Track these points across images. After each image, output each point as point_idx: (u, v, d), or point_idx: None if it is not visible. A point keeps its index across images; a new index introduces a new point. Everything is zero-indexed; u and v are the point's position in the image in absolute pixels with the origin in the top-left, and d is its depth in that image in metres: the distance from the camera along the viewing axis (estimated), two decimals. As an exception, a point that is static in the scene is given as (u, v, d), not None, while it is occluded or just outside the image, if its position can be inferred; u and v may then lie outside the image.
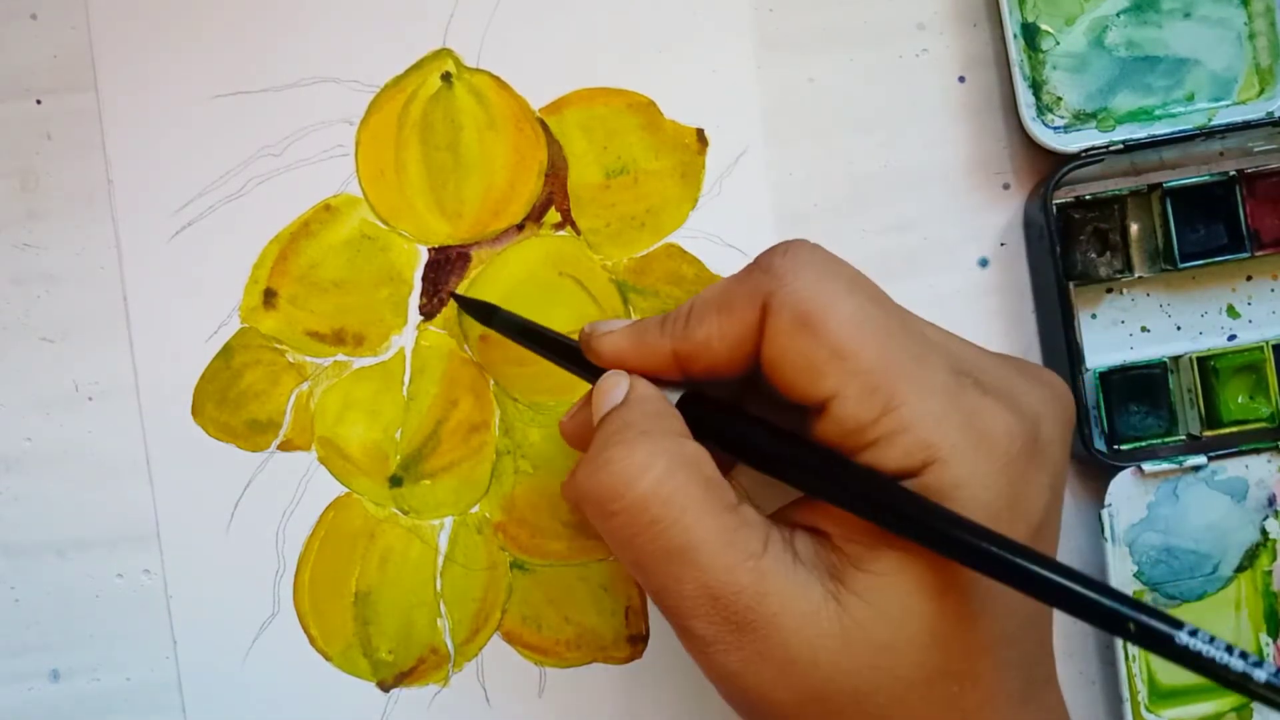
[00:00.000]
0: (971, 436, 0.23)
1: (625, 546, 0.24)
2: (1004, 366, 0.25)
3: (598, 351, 0.27)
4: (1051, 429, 0.25)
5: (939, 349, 0.24)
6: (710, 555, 0.23)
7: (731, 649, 0.24)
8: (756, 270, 0.25)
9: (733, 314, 0.25)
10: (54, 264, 0.34)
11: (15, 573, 0.34)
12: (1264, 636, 0.33)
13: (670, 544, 0.23)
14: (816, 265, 0.24)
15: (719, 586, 0.23)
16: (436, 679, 0.34)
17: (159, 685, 0.34)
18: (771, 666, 0.23)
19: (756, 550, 0.24)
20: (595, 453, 0.24)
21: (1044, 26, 0.33)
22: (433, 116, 0.33)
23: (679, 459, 0.24)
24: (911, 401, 0.23)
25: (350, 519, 0.34)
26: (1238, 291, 0.34)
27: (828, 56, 0.34)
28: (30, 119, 0.34)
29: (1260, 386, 0.33)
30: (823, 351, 0.23)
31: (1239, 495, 0.33)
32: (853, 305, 0.24)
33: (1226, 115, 0.32)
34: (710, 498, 0.24)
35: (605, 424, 0.25)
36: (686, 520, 0.23)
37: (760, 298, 0.24)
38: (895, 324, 0.24)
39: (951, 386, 0.23)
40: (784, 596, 0.23)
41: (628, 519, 0.24)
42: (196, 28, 0.33)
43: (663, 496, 0.23)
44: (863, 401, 0.23)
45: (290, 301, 0.34)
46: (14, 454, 0.34)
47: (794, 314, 0.24)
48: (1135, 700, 0.32)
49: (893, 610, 0.23)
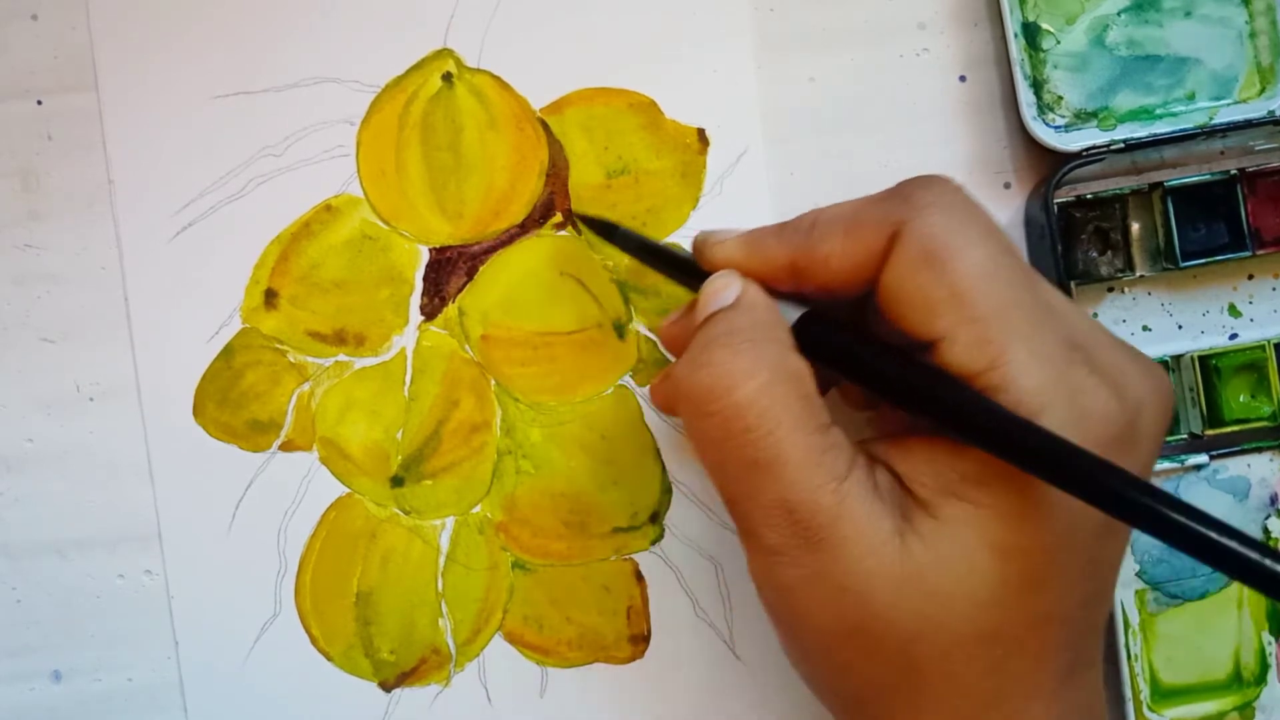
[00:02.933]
0: (1072, 412, 0.23)
1: (713, 448, 0.24)
2: (1118, 349, 0.25)
3: (710, 259, 0.27)
4: (1150, 422, 0.24)
5: (1058, 317, 0.24)
6: (796, 471, 0.23)
7: (794, 563, 0.23)
8: (895, 197, 0.24)
9: (860, 235, 0.24)
10: (55, 264, 0.34)
11: (17, 573, 0.34)
12: (1266, 635, 0.33)
13: (759, 455, 0.23)
14: (956, 205, 0.24)
15: (798, 501, 0.23)
16: (438, 679, 0.34)
17: (160, 685, 0.34)
18: (828, 588, 0.23)
19: (841, 473, 0.23)
20: (698, 351, 0.24)
21: (1045, 25, 0.33)
22: (434, 117, 0.33)
23: (782, 372, 0.24)
24: (1020, 361, 0.23)
25: (352, 519, 0.34)
26: (1239, 290, 0.34)
27: (828, 56, 0.34)
28: (31, 119, 0.34)
29: (1262, 385, 0.33)
30: (943, 291, 0.23)
31: (1241, 494, 0.33)
32: (983, 253, 0.23)
33: (1227, 114, 0.32)
34: (806, 415, 0.24)
35: (711, 324, 0.25)
36: (780, 434, 0.23)
37: (892, 224, 0.24)
38: (1020, 281, 0.24)
39: (1062, 358, 0.23)
40: (857, 522, 0.23)
41: (721, 422, 0.23)
42: (197, 28, 0.33)
43: (760, 407, 0.23)
44: (971, 350, 0.23)
45: (291, 302, 0.34)
46: (15, 454, 0.34)
47: (923, 247, 0.23)
48: (1138, 699, 0.32)
49: (955, 561, 0.23)
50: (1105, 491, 0.21)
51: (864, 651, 0.23)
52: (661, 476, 0.33)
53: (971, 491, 0.23)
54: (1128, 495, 0.21)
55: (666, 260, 0.30)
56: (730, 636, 0.33)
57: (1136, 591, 0.33)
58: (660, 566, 0.34)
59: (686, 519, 0.33)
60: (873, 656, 0.23)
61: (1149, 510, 0.21)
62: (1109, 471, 0.21)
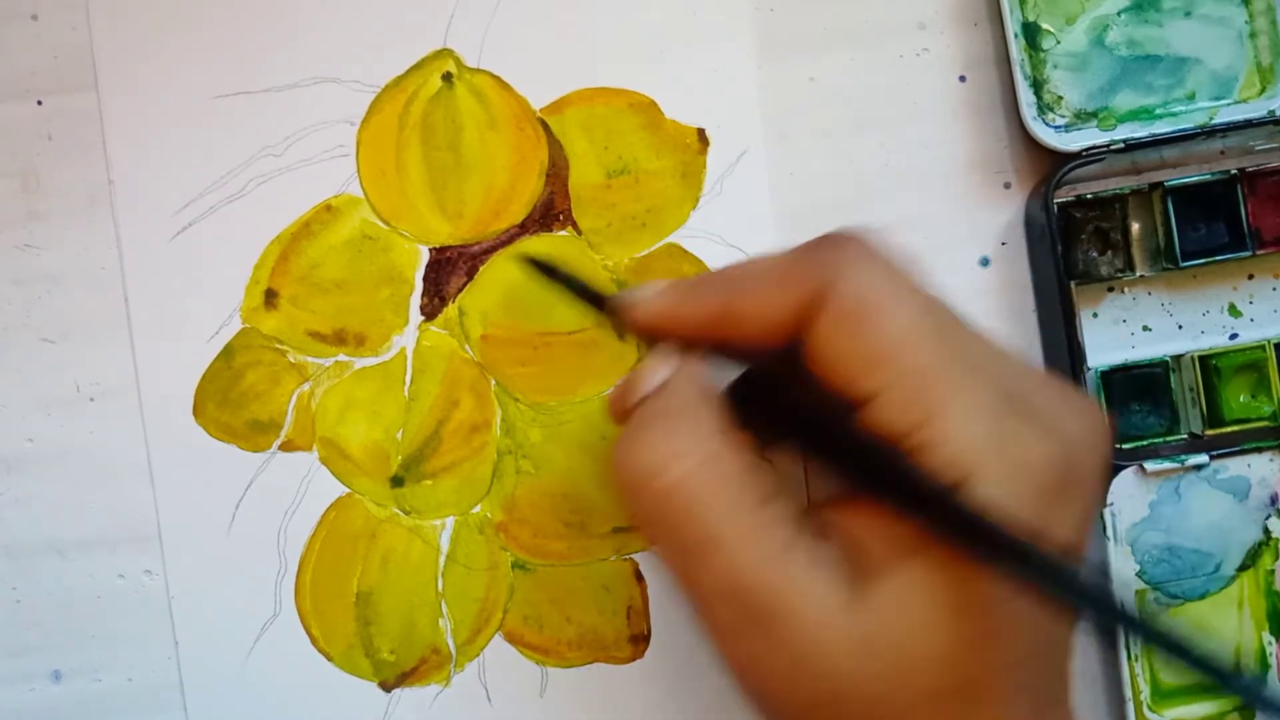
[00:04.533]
0: (1008, 461, 0.22)
1: (650, 531, 0.24)
2: (1048, 390, 0.25)
3: (632, 320, 0.27)
4: (1091, 463, 0.24)
5: (990, 367, 0.24)
6: (733, 549, 0.23)
7: (746, 641, 0.23)
8: (818, 252, 0.24)
9: (782, 291, 0.24)
10: (55, 264, 0.34)
11: (17, 573, 0.34)
12: (1266, 636, 0.33)
13: (695, 536, 0.23)
14: (879, 264, 0.24)
15: (740, 581, 0.23)
16: (438, 679, 0.34)
17: (161, 686, 0.34)
18: (784, 663, 0.23)
19: (782, 548, 0.23)
20: (631, 434, 0.24)
21: (1045, 25, 0.33)
22: (434, 117, 0.33)
23: (711, 452, 0.24)
24: (954, 416, 0.22)
25: (352, 519, 0.34)
26: (1239, 290, 0.34)
27: (829, 56, 0.34)
28: (31, 119, 0.34)
29: (1262, 385, 0.33)
30: (872, 350, 0.23)
31: (1241, 494, 0.33)
32: (909, 310, 0.23)
33: (1227, 114, 0.32)
34: (741, 492, 0.23)
35: (642, 408, 0.25)
36: (713, 515, 0.23)
37: (815, 282, 0.24)
38: (950, 334, 0.24)
39: (997, 408, 0.23)
40: (804, 595, 0.23)
41: (655, 506, 0.24)
42: (197, 28, 0.33)
43: (691, 490, 0.23)
44: (902, 408, 0.23)
45: (291, 302, 0.34)
46: (15, 455, 0.34)
47: (850, 307, 0.23)
48: (1138, 700, 0.32)
49: (911, 622, 0.23)
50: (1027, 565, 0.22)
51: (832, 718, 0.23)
52: (661, 476, 0.33)
53: (920, 549, 0.23)
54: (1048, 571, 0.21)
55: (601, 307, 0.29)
56: (730, 636, 0.33)
57: (1137, 592, 0.33)
58: (661, 566, 0.34)
59: (687, 519, 0.33)
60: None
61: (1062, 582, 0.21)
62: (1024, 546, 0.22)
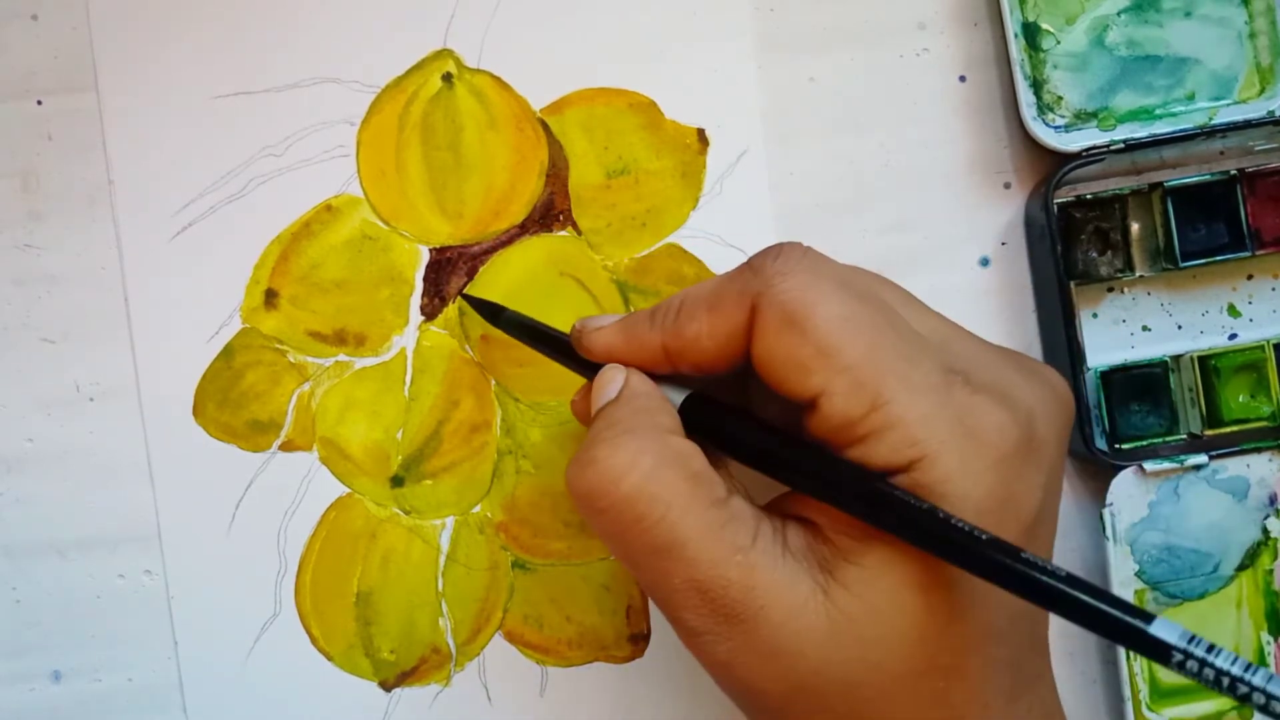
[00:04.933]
0: (961, 433, 0.23)
1: (614, 541, 0.25)
2: (1001, 362, 0.25)
3: (588, 348, 0.28)
4: (1047, 427, 0.25)
5: (930, 346, 0.24)
6: (696, 550, 0.24)
7: (720, 639, 0.24)
8: (747, 270, 0.25)
9: (722, 312, 0.25)
10: (55, 265, 0.34)
11: (16, 573, 0.34)
12: (1265, 635, 0.33)
13: (656, 540, 0.24)
14: (805, 266, 0.25)
15: (706, 580, 0.24)
16: (438, 678, 0.34)
17: (160, 686, 0.34)
18: (759, 657, 0.24)
19: (744, 544, 0.24)
20: (584, 450, 0.25)
21: (1045, 26, 0.33)
22: (434, 117, 0.33)
23: (664, 457, 0.24)
24: (899, 398, 0.23)
25: (352, 519, 0.34)
26: (1238, 290, 0.34)
27: (828, 56, 0.34)
28: (31, 119, 0.34)
29: (1261, 385, 0.33)
30: (809, 349, 0.24)
31: (1240, 494, 0.33)
32: (839, 304, 0.24)
33: (1227, 114, 0.32)
34: (697, 493, 0.24)
35: (597, 420, 0.26)
36: (672, 517, 0.24)
37: (749, 297, 0.25)
38: (883, 322, 0.24)
39: (941, 384, 0.23)
40: (771, 589, 0.23)
41: (614, 516, 0.24)
42: (197, 28, 0.33)
43: (648, 494, 0.24)
44: (850, 398, 0.23)
45: (291, 302, 0.34)
46: (15, 455, 0.34)
47: (781, 313, 0.24)
48: (1136, 699, 0.32)
49: (880, 604, 0.23)
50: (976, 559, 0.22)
51: (811, 707, 0.24)
52: (661, 476, 0.33)
53: (885, 535, 0.23)
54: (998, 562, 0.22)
55: (551, 344, 0.30)
56: (730, 636, 0.33)
57: (1136, 591, 0.33)
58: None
59: (686, 519, 0.33)
60: (820, 710, 0.24)
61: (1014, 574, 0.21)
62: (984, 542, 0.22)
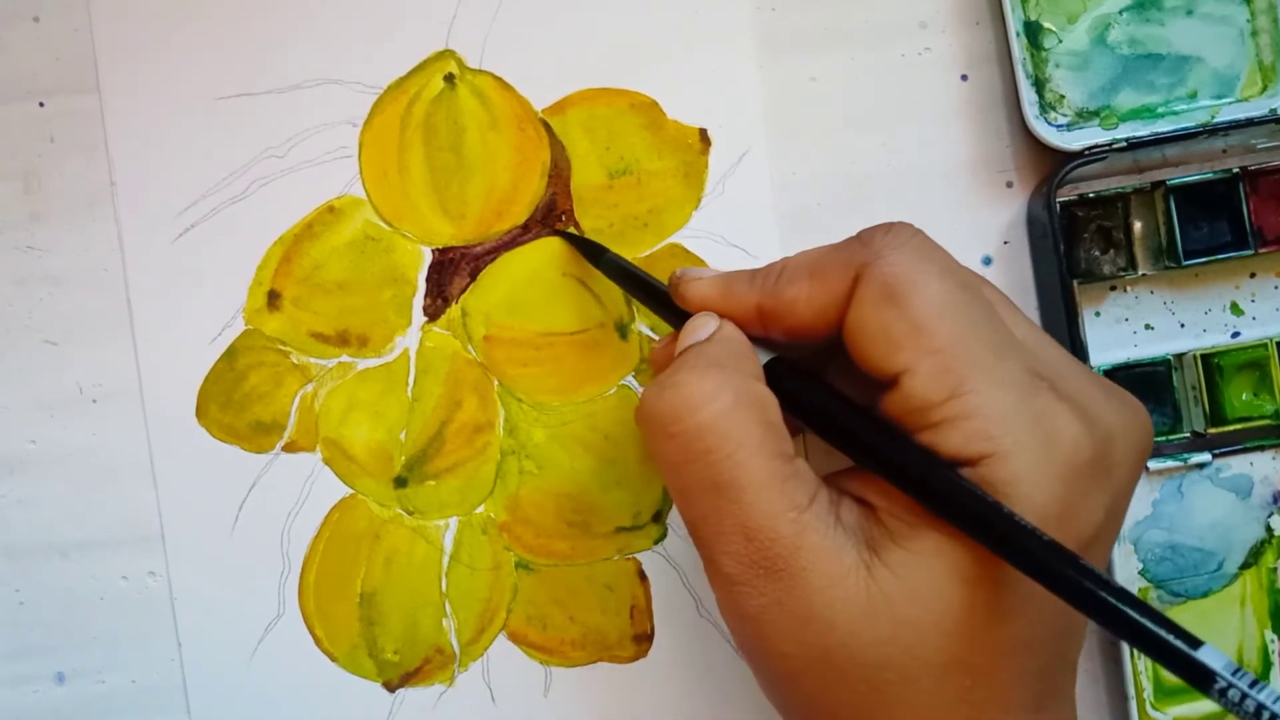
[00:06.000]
0: (1037, 437, 0.23)
1: (674, 471, 0.24)
2: (1087, 379, 0.25)
3: (685, 296, 0.27)
4: (1124, 451, 0.24)
5: (1021, 347, 0.24)
6: (754, 496, 0.23)
7: (755, 592, 0.24)
8: (855, 242, 0.25)
9: (824, 279, 0.25)
10: (57, 266, 0.34)
11: (20, 575, 0.34)
12: (1269, 634, 0.33)
13: (718, 477, 0.24)
14: (914, 246, 0.25)
15: (756, 529, 0.23)
16: (442, 679, 0.34)
17: (164, 687, 0.34)
18: (790, 618, 0.23)
19: (801, 503, 0.24)
20: (666, 375, 0.25)
21: (1046, 24, 0.33)
22: (436, 118, 0.33)
23: (745, 396, 0.24)
24: (981, 390, 0.23)
25: (355, 520, 0.34)
26: (1241, 289, 0.34)
27: (830, 56, 0.34)
28: (33, 121, 0.34)
29: (1264, 384, 0.33)
30: (903, 325, 0.23)
31: (1243, 492, 0.33)
32: (940, 287, 0.24)
33: (1229, 112, 0.32)
34: (767, 442, 0.24)
35: (683, 355, 0.26)
36: (739, 457, 0.23)
37: (854, 268, 0.25)
38: (979, 314, 0.24)
39: (1026, 385, 0.23)
40: (817, 553, 0.23)
41: (683, 443, 0.24)
42: (199, 30, 0.33)
43: (721, 429, 0.24)
44: (933, 381, 0.23)
45: (294, 303, 0.34)
46: (18, 456, 0.34)
47: (883, 285, 0.24)
48: (1140, 698, 0.32)
49: (923, 589, 0.23)
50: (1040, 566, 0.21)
51: (830, 680, 0.24)
52: (664, 476, 0.33)
53: (940, 523, 0.23)
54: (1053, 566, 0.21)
55: (649, 292, 0.30)
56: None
57: (1140, 590, 0.33)
58: (663, 566, 0.34)
59: (690, 519, 0.33)
60: (839, 684, 0.24)
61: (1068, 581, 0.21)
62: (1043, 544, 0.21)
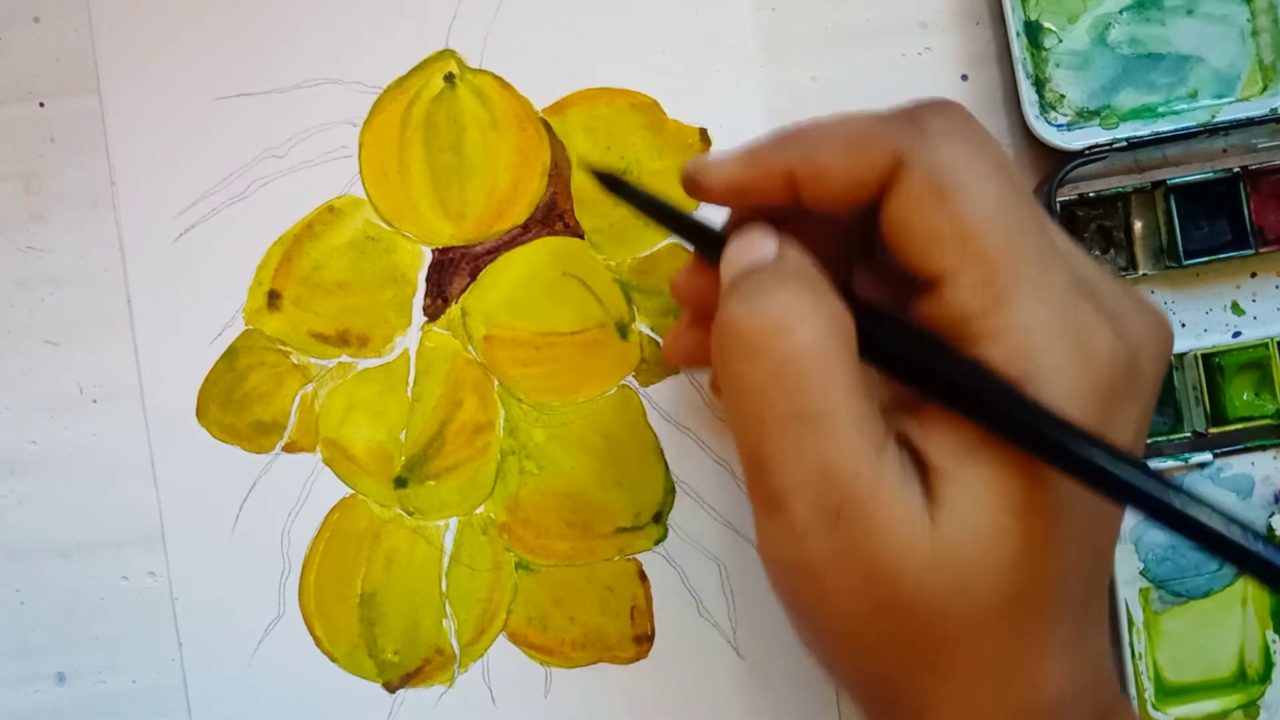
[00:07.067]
0: (1076, 353, 0.22)
1: (756, 397, 0.22)
2: (1119, 290, 0.24)
3: (706, 185, 0.25)
4: (1150, 363, 0.23)
5: (1063, 257, 0.23)
6: (843, 431, 0.22)
7: (824, 540, 0.22)
8: (905, 119, 0.23)
9: (864, 153, 0.23)
10: (57, 267, 0.34)
11: (20, 575, 0.34)
12: (1270, 634, 0.33)
13: (808, 406, 0.22)
14: (968, 136, 0.23)
15: (839, 466, 0.22)
16: (442, 680, 0.34)
17: (165, 687, 0.34)
18: (858, 569, 0.22)
19: (881, 443, 0.22)
20: (750, 291, 0.22)
21: (1047, 24, 0.33)
22: (436, 117, 0.33)
23: (836, 322, 0.22)
24: (1024, 303, 0.22)
25: (355, 520, 0.34)
26: (1242, 288, 0.34)
27: (830, 55, 0.34)
28: (33, 122, 0.34)
29: (1265, 383, 0.33)
30: (951, 226, 0.22)
31: (1245, 492, 0.33)
32: (993, 189, 0.22)
33: (1230, 112, 0.32)
34: (856, 375, 0.22)
35: (760, 273, 0.23)
36: (833, 387, 0.22)
37: (899, 147, 0.22)
38: (1030, 220, 0.22)
39: (1069, 299, 0.22)
40: (890, 499, 0.22)
41: (773, 367, 0.22)
42: (199, 30, 0.33)
43: (817, 355, 0.22)
44: (976, 290, 0.22)
45: (294, 303, 0.34)
46: (18, 457, 0.34)
47: (932, 178, 0.22)
48: (1142, 698, 0.32)
49: (981, 527, 0.22)
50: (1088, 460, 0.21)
51: (891, 632, 0.23)
52: (665, 476, 0.33)
53: (989, 452, 0.22)
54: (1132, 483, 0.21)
55: (675, 220, 0.27)
56: (734, 636, 0.33)
57: (1141, 590, 0.33)
58: (664, 566, 0.34)
59: (690, 519, 0.33)
60: (899, 637, 0.23)
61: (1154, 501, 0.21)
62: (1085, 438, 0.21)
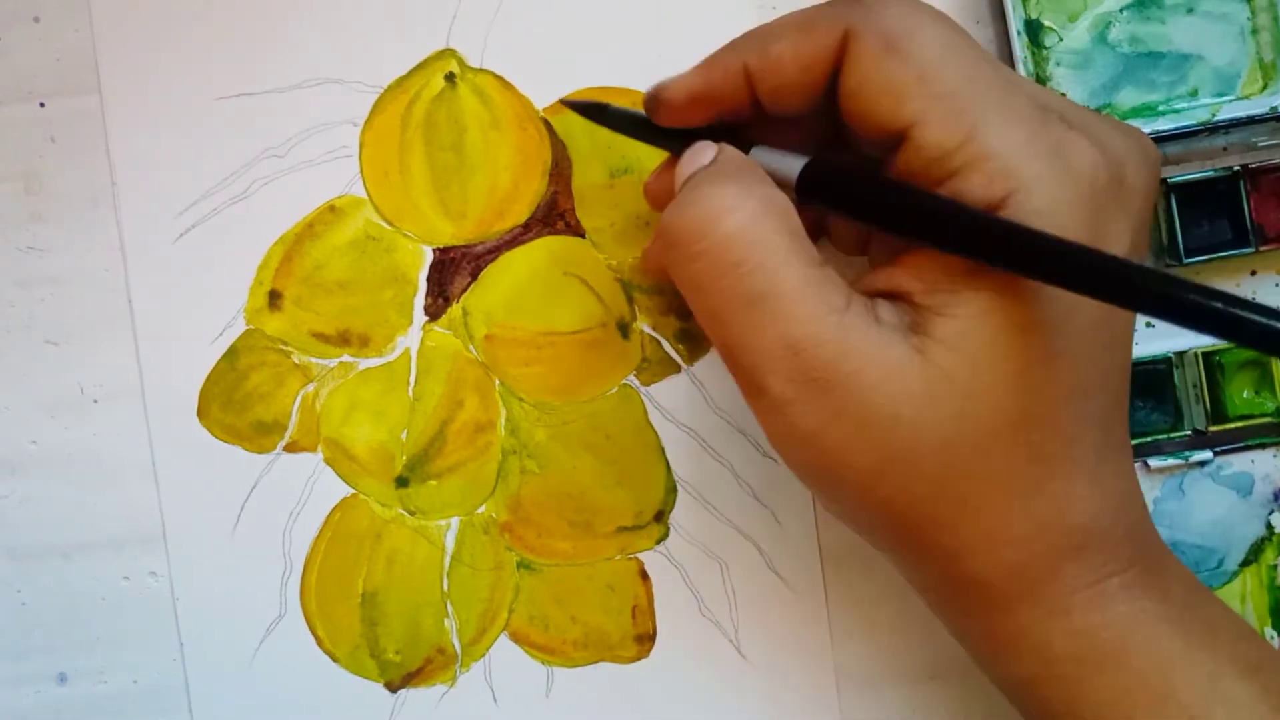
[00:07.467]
0: (1056, 165, 0.22)
1: (705, 292, 0.23)
2: (1090, 114, 0.25)
3: (668, 100, 0.27)
4: (1136, 176, 0.24)
5: (1024, 84, 0.24)
6: (793, 303, 0.23)
7: (810, 409, 0.23)
8: (843, 1, 0.25)
9: (813, 34, 0.24)
10: (58, 267, 0.34)
11: (21, 576, 0.34)
12: (1270, 631, 0.33)
13: (753, 289, 0.23)
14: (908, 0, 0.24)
15: (800, 338, 0.23)
16: (444, 679, 0.34)
17: (166, 687, 0.34)
18: (850, 425, 0.23)
19: (839, 305, 0.23)
20: (684, 193, 0.24)
21: (1047, 23, 0.33)
22: (436, 117, 0.33)
23: (768, 203, 0.23)
24: (996, 127, 0.22)
25: (357, 520, 0.34)
26: (1242, 286, 0.34)
27: (831, 54, 0.34)
28: (33, 122, 0.34)
29: (1266, 381, 0.33)
30: (908, 74, 0.23)
31: (1245, 490, 0.33)
32: (939, 31, 0.23)
33: (1230, 111, 0.32)
34: (798, 246, 0.23)
35: (693, 177, 0.25)
36: (772, 264, 0.23)
37: (844, 22, 0.24)
38: (980, 55, 0.23)
39: (1037, 117, 0.23)
40: (865, 353, 0.23)
41: (712, 259, 0.23)
42: (199, 29, 0.33)
43: (750, 238, 0.23)
44: (946, 125, 0.22)
45: (295, 303, 0.34)
46: (19, 457, 0.34)
47: (881, 38, 0.23)
48: (1142, 696, 0.32)
49: (979, 352, 0.22)
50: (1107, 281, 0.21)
51: (904, 477, 0.23)
52: (666, 475, 0.33)
53: (976, 279, 0.23)
54: (1135, 281, 0.20)
55: (659, 133, 0.29)
56: (736, 635, 0.33)
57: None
58: (665, 566, 0.34)
59: (691, 518, 0.33)
60: (913, 479, 0.23)
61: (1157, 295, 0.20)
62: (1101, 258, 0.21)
